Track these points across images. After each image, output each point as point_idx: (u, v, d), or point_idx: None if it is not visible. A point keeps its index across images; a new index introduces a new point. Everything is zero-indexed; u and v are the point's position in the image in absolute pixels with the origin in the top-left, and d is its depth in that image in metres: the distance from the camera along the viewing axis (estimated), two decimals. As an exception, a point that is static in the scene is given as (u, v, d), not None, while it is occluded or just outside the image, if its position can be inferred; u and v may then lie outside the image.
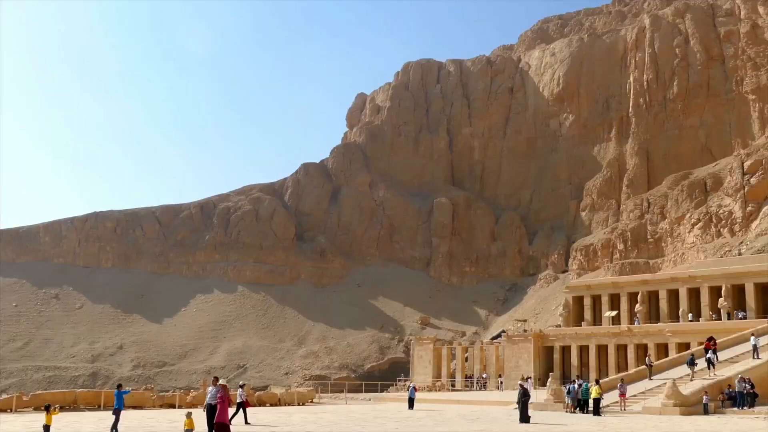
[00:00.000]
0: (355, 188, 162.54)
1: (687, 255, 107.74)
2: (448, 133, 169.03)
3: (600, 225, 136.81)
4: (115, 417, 28.25)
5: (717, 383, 41.40)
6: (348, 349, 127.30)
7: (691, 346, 59.14)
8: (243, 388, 36.08)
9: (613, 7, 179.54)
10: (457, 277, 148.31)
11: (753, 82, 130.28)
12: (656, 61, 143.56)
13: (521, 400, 34.37)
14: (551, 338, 74.97)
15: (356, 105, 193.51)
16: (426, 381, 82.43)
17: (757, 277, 66.47)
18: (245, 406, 34.14)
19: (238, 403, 34.24)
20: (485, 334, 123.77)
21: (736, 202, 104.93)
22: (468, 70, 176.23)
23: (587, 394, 39.99)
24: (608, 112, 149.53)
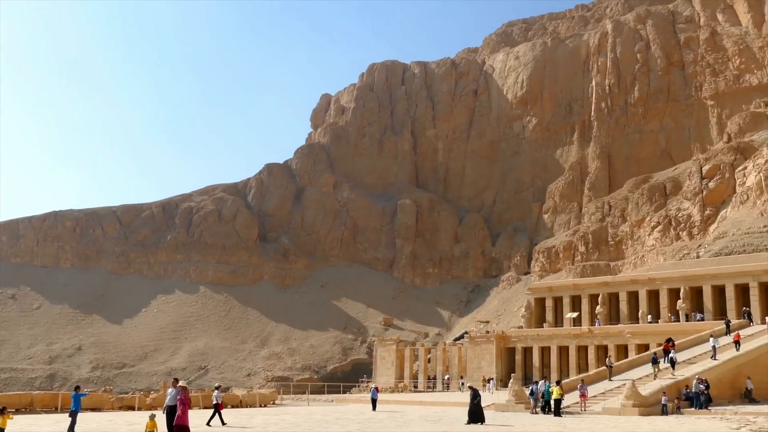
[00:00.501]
0: (319, 189, 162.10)
1: (647, 257, 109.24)
2: (413, 134, 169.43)
3: (562, 227, 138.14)
4: (72, 419, 27.70)
5: (675, 384, 41.93)
6: (311, 351, 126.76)
7: (651, 347, 59.89)
8: (219, 390, 35.96)
9: (576, 12, 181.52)
10: (420, 279, 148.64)
11: (711, 88, 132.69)
12: (618, 65, 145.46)
13: (472, 402, 34.13)
14: (513, 339, 75.40)
15: (321, 106, 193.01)
16: (389, 382, 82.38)
17: (715, 279, 67.61)
18: (219, 408, 34.32)
19: (215, 405, 34.37)
20: (448, 335, 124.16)
21: (694, 206, 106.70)
22: (433, 72, 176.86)
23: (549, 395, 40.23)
24: (571, 116, 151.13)
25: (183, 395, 24.93)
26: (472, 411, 33.84)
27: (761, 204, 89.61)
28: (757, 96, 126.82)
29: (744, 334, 52.43)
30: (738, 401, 43.90)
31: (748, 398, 44.16)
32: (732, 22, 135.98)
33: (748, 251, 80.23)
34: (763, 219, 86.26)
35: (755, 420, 33.54)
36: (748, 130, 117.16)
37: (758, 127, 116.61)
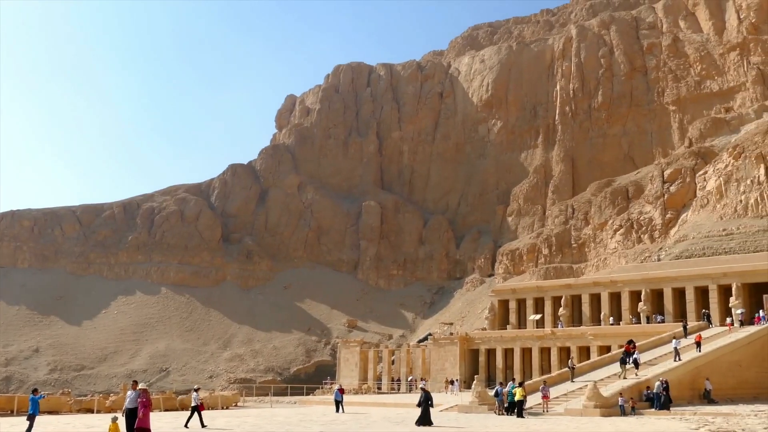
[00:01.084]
0: (284, 190, 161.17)
1: (609, 260, 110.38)
2: (378, 136, 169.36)
3: (526, 230, 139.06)
4: (30, 423, 27.21)
5: (636, 385, 42.27)
6: (274, 352, 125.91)
7: (612, 349, 60.42)
8: (198, 392, 35.81)
9: (542, 16, 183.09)
10: (384, 280, 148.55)
11: (673, 94, 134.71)
12: (582, 70, 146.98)
13: (423, 404, 33.91)
14: (477, 341, 75.57)
15: (286, 106, 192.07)
16: (352, 384, 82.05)
17: (675, 282, 68.51)
18: (200, 409, 34.20)
19: (193, 407, 34.22)
20: (412, 337, 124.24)
21: (656, 210, 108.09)
22: (398, 74, 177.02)
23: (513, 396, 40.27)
24: (535, 119, 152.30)
25: (145, 397, 24.50)
26: (422, 413, 33.61)
27: (721, 208, 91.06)
28: (718, 102, 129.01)
29: (704, 336, 53.10)
30: (697, 402, 44.44)
31: (707, 399, 44.72)
32: (694, 29, 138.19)
33: (708, 254, 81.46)
34: (723, 223, 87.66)
35: (713, 420, 33.90)
36: (709, 135, 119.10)
37: (718, 133, 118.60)
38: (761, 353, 53.32)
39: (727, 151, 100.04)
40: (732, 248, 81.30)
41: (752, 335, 53.12)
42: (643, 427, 31.96)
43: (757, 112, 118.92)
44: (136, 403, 25.35)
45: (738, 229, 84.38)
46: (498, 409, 40.79)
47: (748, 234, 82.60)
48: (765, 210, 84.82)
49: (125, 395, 37.65)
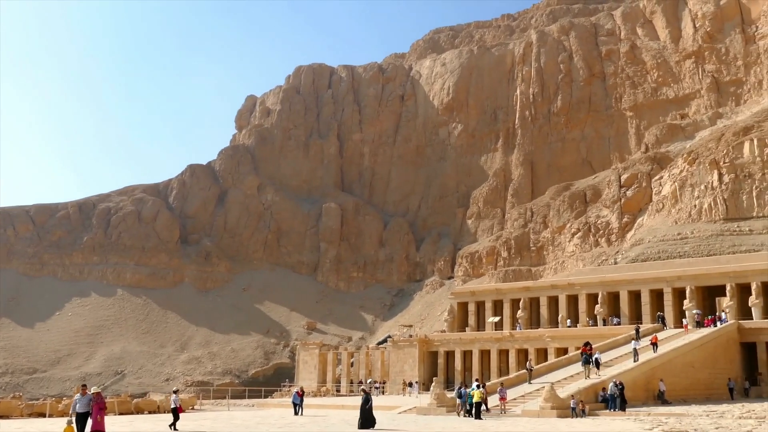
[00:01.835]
0: (243, 191, 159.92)
1: (567, 263, 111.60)
2: (339, 138, 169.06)
3: (485, 233, 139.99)
4: (-23, 427, 26.34)
5: (592, 386, 42.73)
6: (232, 355, 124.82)
7: (569, 350, 61.01)
8: (177, 394, 35.86)
9: (503, 21, 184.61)
10: (344, 282, 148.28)
11: (631, 100, 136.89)
12: (542, 75, 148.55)
13: (363, 407, 33.51)
14: (436, 343, 75.74)
15: (246, 107, 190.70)
16: (311, 386, 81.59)
17: (631, 285, 69.47)
18: (179, 411, 34.31)
19: (173, 409, 34.27)
20: (371, 339, 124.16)
21: (613, 214, 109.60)
22: (360, 76, 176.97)
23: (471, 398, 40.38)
24: (495, 123, 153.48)
25: (100, 401, 23.98)
26: (363, 415, 33.19)
27: (675, 212, 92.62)
28: (673, 108, 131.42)
29: (659, 338, 53.89)
30: (651, 403, 45.10)
31: (661, 400, 45.41)
32: (651, 36, 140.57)
33: (663, 258, 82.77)
34: (677, 227, 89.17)
35: (667, 421, 34.40)
36: (665, 141, 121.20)
37: (674, 138, 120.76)
38: (713, 355, 54.37)
39: (682, 157, 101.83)
40: (686, 252, 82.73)
41: (704, 337, 54.11)
42: (598, 428, 32.28)
43: (711, 119, 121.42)
44: (88, 407, 24.82)
45: (692, 233, 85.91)
46: (461, 410, 40.86)
47: (702, 238, 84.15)
48: (718, 215, 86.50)
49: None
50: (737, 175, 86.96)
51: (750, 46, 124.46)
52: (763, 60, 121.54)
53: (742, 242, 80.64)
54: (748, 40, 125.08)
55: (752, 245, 79.19)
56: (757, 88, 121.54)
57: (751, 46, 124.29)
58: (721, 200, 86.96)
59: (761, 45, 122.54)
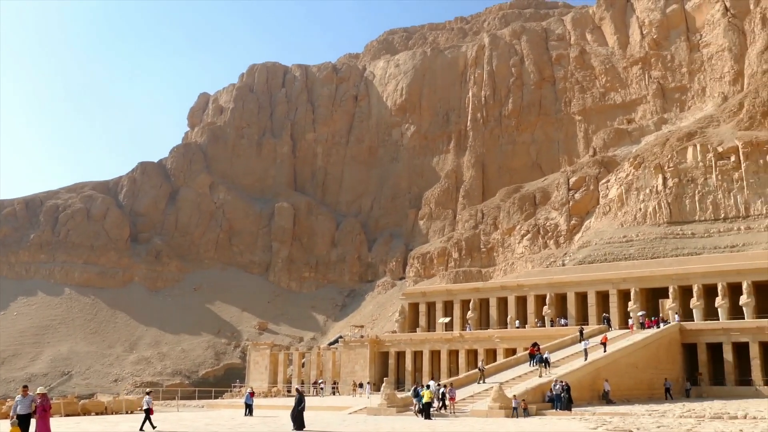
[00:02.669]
0: (195, 190, 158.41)
1: (516, 264, 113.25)
2: (292, 137, 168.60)
3: (437, 234, 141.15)
4: None
5: (540, 386, 43.60)
6: (182, 355, 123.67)
7: (518, 351, 61.95)
8: (149, 395, 35.78)
9: (456, 24, 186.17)
10: (296, 283, 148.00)
11: (579, 104, 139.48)
12: (494, 78, 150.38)
13: (296, 408, 33.08)
14: (387, 344, 76.21)
15: (199, 105, 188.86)
16: (262, 387, 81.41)
17: (578, 286, 70.84)
18: (150, 413, 34.44)
19: (145, 410, 34.45)
20: (323, 339, 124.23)
21: (561, 216, 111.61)
22: (314, 75, 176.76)
23: (421, 398, 40.93)
24: (448, 125, 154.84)
25: (45, 402, 23.78)
26: (295, 417, 32.94)
27: (622, 216, 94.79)
28: (620, 113, 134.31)
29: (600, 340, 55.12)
30: (596, 402, 46.16)
31: (606, 399, 46.54)
32: (600, 42, 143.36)
33: (609, 260, 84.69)
34: (623, 230, 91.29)
35: (611, 420, 35.38)
36: (612, 145, 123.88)
37: (620, 143, 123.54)
38: (656, 356, 55.91)
39: (628, 161, 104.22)
40: (631, 254, 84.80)
41: (648, 338, 55.60)
42: (544, 428, 33.09)
43: (657, 125, 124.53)
44: (29, 408, 24.56)
45: (637, 236, 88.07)
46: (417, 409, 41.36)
47: (647, 241, 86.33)
48: (662, 218, 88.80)
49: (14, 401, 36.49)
50: (681, 179, 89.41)
51: (694, 54, 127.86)
52: (706, 68, 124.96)
53: (684, 245, 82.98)
54: (693, 48, 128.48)
55: (694, 248, 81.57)
56: (700, 95, 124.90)
57: (696, 54, 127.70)
58: (665, 204, 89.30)
59: (705, 53, 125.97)
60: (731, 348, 58.26)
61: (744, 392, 55.42)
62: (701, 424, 32.88)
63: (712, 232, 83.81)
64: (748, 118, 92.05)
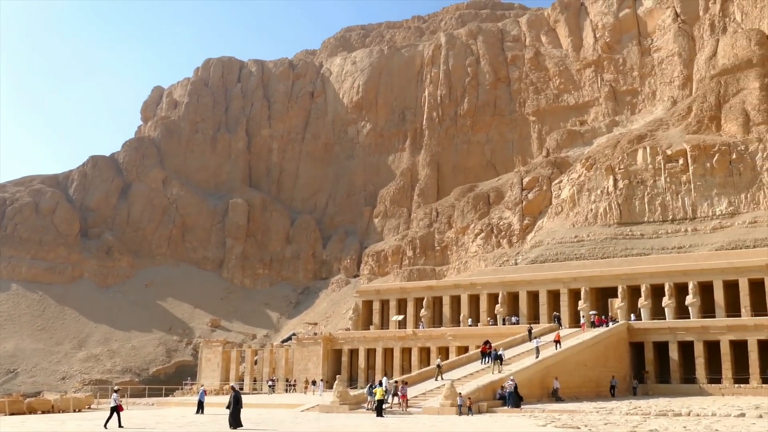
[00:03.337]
0: (147, 185, 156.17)
1: (470, 263, 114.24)
2: (247, 133, 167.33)
3: (392, 232, 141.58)
4: None
5: (491, 384, 44.12)
6: (132, 352, 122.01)
7: (470, 349, 62.58)
8: (117, 393, 36.05)
9: (413, 22, 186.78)
10: (250, 279, 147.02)
11: (534, 105, 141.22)
12: (450, 77, 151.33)
13: (233, 406, 32.80)
14: (340, 341, 76.30)
15: (152, 98, 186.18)
16: (214, 384, 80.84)
17: (530, 285, 71.84)
18: (119, 410, 34.57)
19: (112, 408, 34.47)
20: (276, 337, 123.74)
21: (514, 215, 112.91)
22: (270, 71, 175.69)
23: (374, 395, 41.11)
24: (404, 123, 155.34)
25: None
26: (232, 415, 32.68)
27: (573, 216, 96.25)
28: (573, 115, 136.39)
29: (553, 338, 55.98)
30: (546, 400, 46.93)
31: (555, 397, 47.33)
32: (554, 44, 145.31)
33: (561, 260, 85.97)
34: (575, 230, 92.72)
35: (560, 417, 36.03)
36: (565, 146, 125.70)
37: (573, 144, 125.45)
38: (604, 354, 57.03)
39: (580, 162, 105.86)
40: (582, 254, 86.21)
41: (597, 337, 56.68)
42: (495, 425, 33.54)
43: (608, 127, 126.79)
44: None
45: (588, 236, 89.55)
46: (371, 406, 41.54)
47: (597, 241, 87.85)
48: (613, 219, 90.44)
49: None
50: (631, 181, 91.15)
51: (645, 58, 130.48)
52: (657, 72, 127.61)
53: (633, 246, 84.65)
54: (644, 52, 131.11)
55: (643, 249, 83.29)
56: (650, 99, 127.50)
57: (647, 58, 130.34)
58: (615, 205, 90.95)
59: (656, 57, 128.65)
60: (677, 347, 59.72)
61: (688, 390, 56.90)
62: (647, 421, 33.68)
63: (660, 233, 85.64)
64: (696, 122, 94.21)
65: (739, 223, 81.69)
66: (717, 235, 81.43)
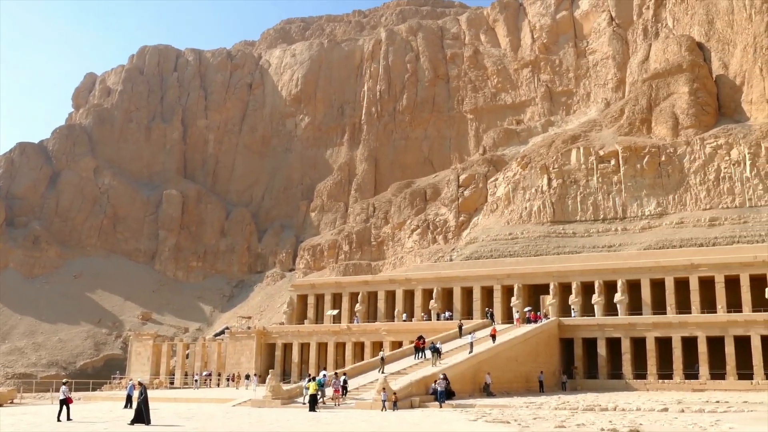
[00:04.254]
0: (78, 173, 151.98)
1: (406, 259, 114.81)
2: (183, 123, 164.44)
3: (328, 226, 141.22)
4: None
5: (423, 379, 44.35)
6: (59, 345, 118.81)
7: (404, 344, 62.88)
8: (66, 386, 35.49)
9: (354, 17, 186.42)
10: (183, 272, 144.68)
11: (471, 103, 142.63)
12: (389, 73, 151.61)
13: (139, 401, 31.84)
14: (274, 335, 75.74)
15: (85, 85, 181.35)
16: (144, 379, 79.28)
17: (464, 281, 72.53)
18: (68, 402, 34.35)
19: (61, 401, 34.09)
20: (209, 330, 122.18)
21: (450, 212, 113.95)
22: (207, 61, 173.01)
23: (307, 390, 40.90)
24: (342, 118, 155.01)
25: None
26: (138, 411, 31.83)
27: (508, 213, 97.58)
28: (510, 114, 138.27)
29: (487, 334, 56.61)
30: (478, 395, 47.45)
31: (487, 392, 47.89)
32: (493, 43, 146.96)
33: (495, 256, 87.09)
34: (509, 227, 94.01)
35: (491, 412, 36.48)
36: (501, 144, 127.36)
37: (509, 143, 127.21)
38: (535, 350, 57.99)
39: (516, 161, 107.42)
40: (516, 251, 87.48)
41: (528, 333, 57.58)
42: (426, 420, 33.73)
43: (544, 126, 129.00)
44: None
45: (522, 233, 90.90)
46: (307, 400, 41.27)
47: (531, 239, 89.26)
48: (546, 217, 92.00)
49: None
50: (564, 180, 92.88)
51: (581, 60, 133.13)
52: (591, 74, 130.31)
53: (565, 244, 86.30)
54: (580, 54, 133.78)
55: (574, 247, 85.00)
56: (585, 100, 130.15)
57: (582, 60, 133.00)
58: (549, 204, 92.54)
59: (591, 59, 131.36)
60: (605, 343, 61.10)
61: (615, 385, 58.32)
62: (574, 415, 34.35)
63: (591, 232, 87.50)
64: (628, 124, 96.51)
65: (666, 224, 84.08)
66: (645, 234, 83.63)
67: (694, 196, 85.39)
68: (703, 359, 57.57)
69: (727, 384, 55.68)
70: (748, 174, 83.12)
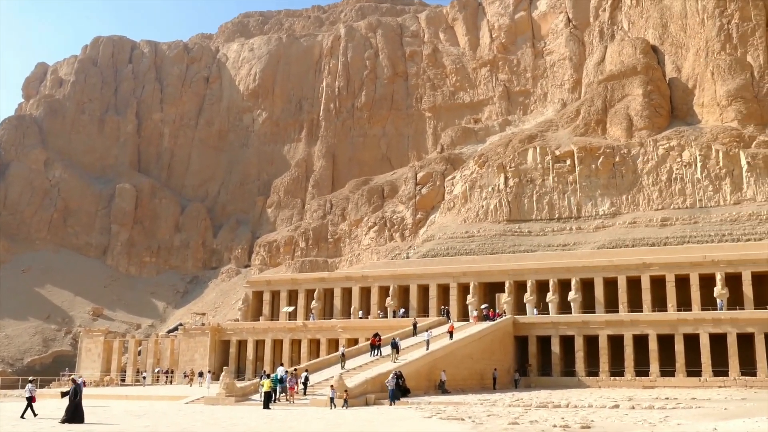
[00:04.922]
0: (27, 165, 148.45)
1: (363, 256, 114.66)
2: (137, 116, 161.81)
3: (285, 222, 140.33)
4: None
5: (379, 376, 44.25)
6: (6, 341, 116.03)
7: (360, 341, 62.72)
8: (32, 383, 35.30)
9: (313, 12, 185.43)
10: (135, 267, 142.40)
11: (430, 101, 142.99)
12: (348, 69, 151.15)
13: (72, 400, 30.78)
14: (228, 332, 75.01)
15: (35, 75, 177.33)
16: (94, 375, 77.90)
17: (420, 279, 72.70)
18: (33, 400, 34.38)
19: (27, 398, 33.97)
20: (162, 327, 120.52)
21: (408, 210, 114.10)
22: (163, 53, 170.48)
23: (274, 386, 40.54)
24: (300, 113, 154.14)
25: None
26: (70, 409, 30.58)
27: (465, 212, 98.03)
28: (468, 113, 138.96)
29: (443, 331, 56.78)
30: (433, 392, 47.56)
31: (442, 389, 48.02)
32: (452, 42, 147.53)
33: (451, 254, 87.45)
34: (466, 226, 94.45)
35: (445, 409, 36.51)
36: (459, 143, 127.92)
37: (467, 141, 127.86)
38: (490, 347, 58.34)
39: (473, 159, 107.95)
40: (472, 249, 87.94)
41: (483, 330, 57.91)
42: (381, 416, 33.63)
43: (501, 126, 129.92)
44: None
45: (478, 232, 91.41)
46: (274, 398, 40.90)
47: (487, 237, 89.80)
48: (502, 216, 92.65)
49: None
50: (521, 179, 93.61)
51: (538, 60, 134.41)
52: (549, 74, 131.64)
53: (521, 243, 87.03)
54: (537, 55, 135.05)
55: (530, 246, 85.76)
56: (542, 100, 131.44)
57: (540, 60, 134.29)
58: (505, 202, 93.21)
59: (548, 60, 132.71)
60: (559, 341, 61.80)
61: (568, 382, 59.01)
62: (528, 412, 34.55)
63: (546, 231, 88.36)
64: (584, 124, 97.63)
65: (619, 223, 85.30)
66: (599, 234, 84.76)
67: (647, 196, 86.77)
68: (654, 357, 58.55)
69: (677, 381, 56.74)
70: (699, 175, 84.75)
